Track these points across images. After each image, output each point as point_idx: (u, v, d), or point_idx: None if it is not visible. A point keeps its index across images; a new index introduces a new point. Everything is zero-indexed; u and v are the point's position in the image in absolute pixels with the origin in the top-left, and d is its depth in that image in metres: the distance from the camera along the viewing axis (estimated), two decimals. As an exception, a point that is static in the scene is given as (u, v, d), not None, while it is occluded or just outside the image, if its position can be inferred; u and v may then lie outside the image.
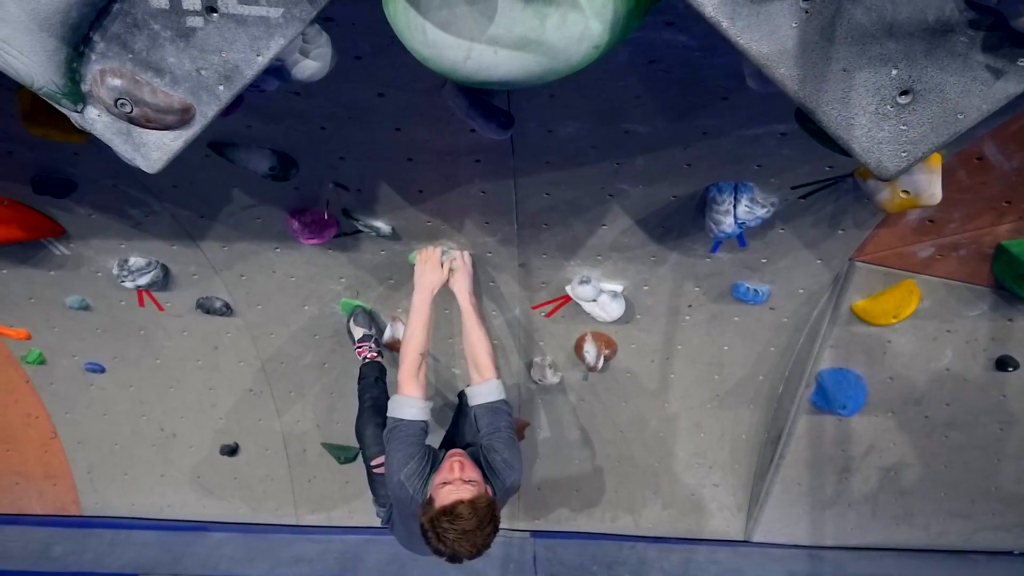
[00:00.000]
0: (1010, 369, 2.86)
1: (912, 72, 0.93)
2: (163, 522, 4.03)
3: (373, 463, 2.60)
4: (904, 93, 0.95)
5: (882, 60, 0.93)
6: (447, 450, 2.32)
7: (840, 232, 2.56)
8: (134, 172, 1.20)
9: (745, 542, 3.80)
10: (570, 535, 3.90)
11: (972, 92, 0.93)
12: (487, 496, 2.09)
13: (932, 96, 0.94)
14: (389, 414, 2.31)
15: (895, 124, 0.97)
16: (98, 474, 3.90)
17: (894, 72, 0.93)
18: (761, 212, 2.34)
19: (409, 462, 2.19)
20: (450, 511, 2.00)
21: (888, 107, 0.96)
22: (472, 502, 2.02)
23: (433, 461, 2.25)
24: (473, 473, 2.14)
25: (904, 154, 0.99)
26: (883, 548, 3.65)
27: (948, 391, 3.04)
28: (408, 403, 2.30)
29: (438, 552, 2.07)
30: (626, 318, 2.93)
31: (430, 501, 2.08)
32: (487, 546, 2.08)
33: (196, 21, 1.01)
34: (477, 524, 2.00)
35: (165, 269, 2.92)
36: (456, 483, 2.07)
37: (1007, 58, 0.90)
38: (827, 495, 3.51)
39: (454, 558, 2.07)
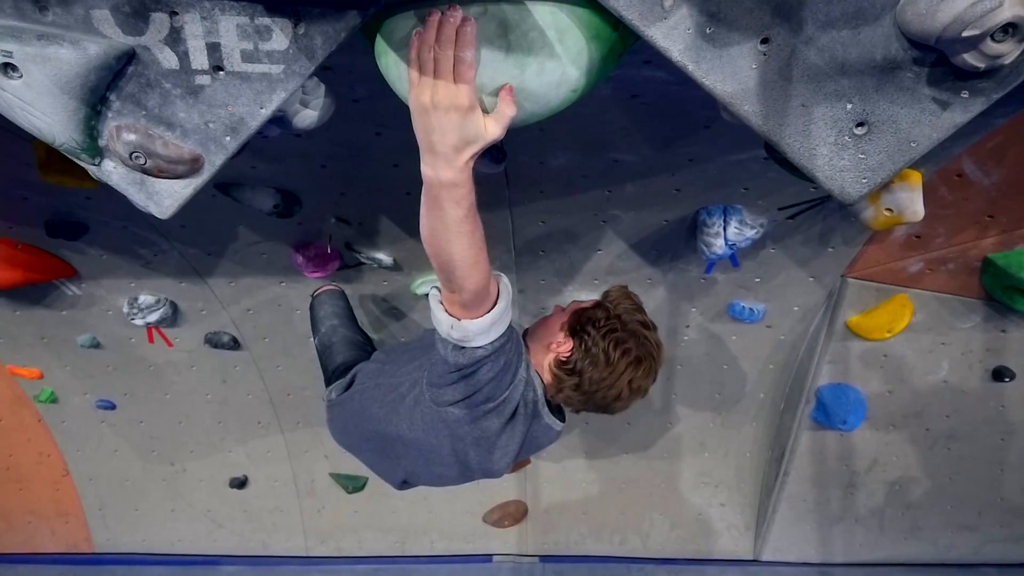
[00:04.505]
0: (1006, 379, 2.89)
1: (865, 106, 1.00)
2: (174, 557, 4.04)
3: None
4: (860, 125, 1.02)
5: (837, 96, 1.00)
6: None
7: (830, 250, 2.62)
8: (143, 214, 1.27)
9: (755, 561, 3.79)
10: (579, 559, 3.89)
11: (922, 122, 1.00)
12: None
13: (886, 127, 1.01)
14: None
15: (854, 153, 1.04)
16: (109, 511, 3.94)
17: (849, 106, 1.00)
18: (751, 233, 2.41)
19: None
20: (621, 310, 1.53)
21: (846, 138, 1.03)
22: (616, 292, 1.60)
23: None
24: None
25: (864, 180, 1.05)
26: (893, 564, 3.63)
27: (947, 403, 3.06)
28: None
29: (644, 381, 1.54)
30: (625, 340, 2.98)
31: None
32: None
33: (204, 79, 1.09)
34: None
35: (174, 306, 2.99)
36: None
37: (951, 91, 0.97)
38: (833, 511, 3.51)
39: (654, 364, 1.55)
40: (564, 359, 1.51)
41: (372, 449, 1.85)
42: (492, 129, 1.04)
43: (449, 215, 1.13)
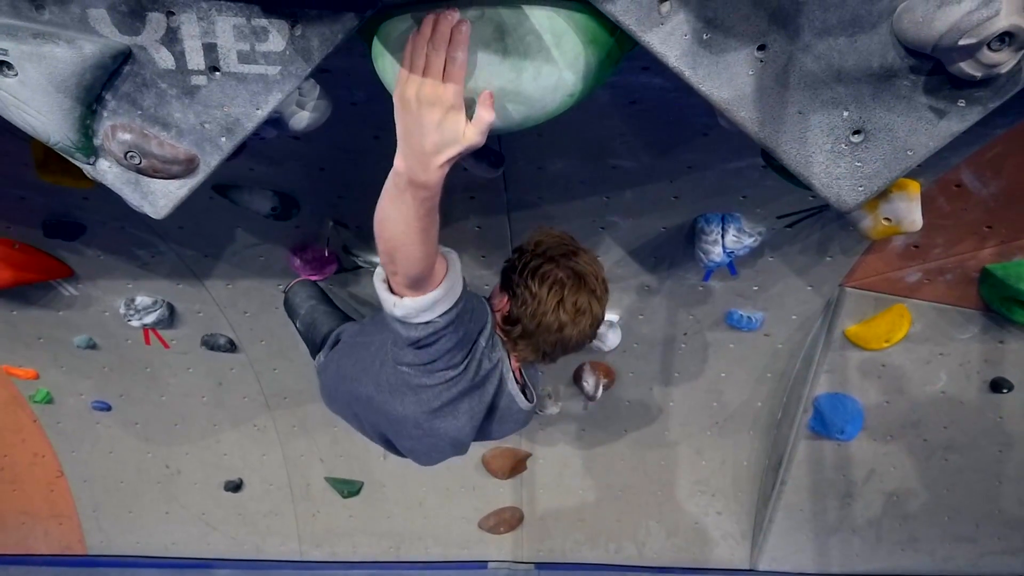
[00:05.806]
0: (1004, 391, 2.88)
1: (862, 113, 1.00)
2: (168, 559, 4.02)
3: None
4: (856, 132, 1.01)
5: (834, 103, 1.00)
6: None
7: (828, 259, 2.61)
8: (141, 215, 1.26)
9: (751, 571, 3.77)
10: (574, 566, 3.88)
11: (919, 131, 0.99)
12: None
13: (882, 135, 1.01)
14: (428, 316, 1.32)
15: (850, 161, 1.03)
16: (103, 512, 3.92)
17: (845, 114, 1.00)
18: (749, 241, 2.41)
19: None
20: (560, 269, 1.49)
21: (842, 145, 1.03)
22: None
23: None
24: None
25: (861, 188, 1.05)
26: (890, 575, 3.61)
27: (945, 414, 3.05)
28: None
29: (590, 327, 1.52)
30: (623, 347, 2.97)
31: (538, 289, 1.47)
32: None
33: (200, 79, 1.09)
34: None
35: (171, 307, 2.99)
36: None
37: (948, 99, 0.97)
38: (830, 521, 3.49)
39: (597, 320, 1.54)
40: (506, 314, 1.52)
41: (352, 415, 1.83)
42: (471, 135, 1.01)
43: (411, 210, 1.10)
